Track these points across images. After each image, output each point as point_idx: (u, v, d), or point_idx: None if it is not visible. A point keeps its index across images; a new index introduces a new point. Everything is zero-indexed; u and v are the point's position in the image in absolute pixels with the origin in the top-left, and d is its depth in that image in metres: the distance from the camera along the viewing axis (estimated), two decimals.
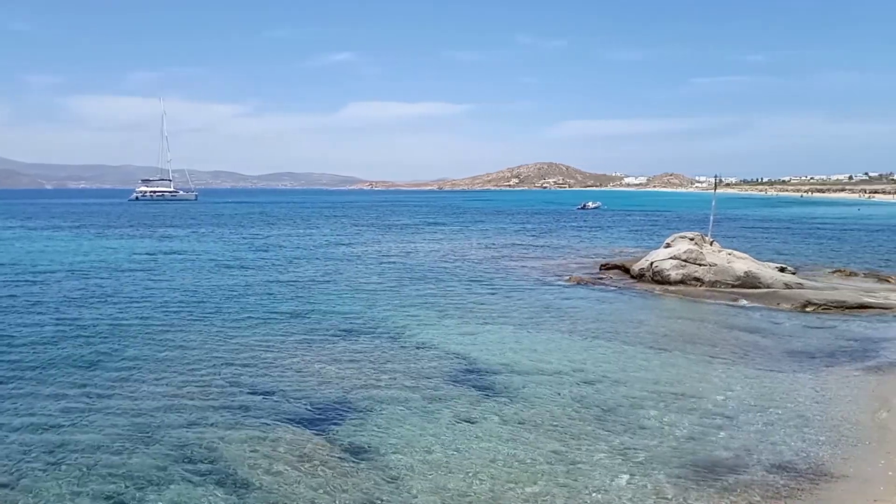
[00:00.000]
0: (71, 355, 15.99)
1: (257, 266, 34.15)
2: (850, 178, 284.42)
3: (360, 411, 12.23)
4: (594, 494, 9.00)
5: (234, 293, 25.36)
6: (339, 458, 10.21)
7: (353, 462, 10.06)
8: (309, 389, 13.51)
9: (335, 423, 11.60)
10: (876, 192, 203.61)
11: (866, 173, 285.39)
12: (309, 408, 12.42)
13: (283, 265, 34.62)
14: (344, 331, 18.89)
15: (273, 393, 13.28)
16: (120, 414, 12.02)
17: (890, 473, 9.44)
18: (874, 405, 12.53)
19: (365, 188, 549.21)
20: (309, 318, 20.74)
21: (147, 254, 39.80)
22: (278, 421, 11.69)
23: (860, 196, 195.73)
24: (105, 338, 17.79)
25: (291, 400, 12.86)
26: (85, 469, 9.80)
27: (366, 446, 10.63)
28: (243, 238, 53.00)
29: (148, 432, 11.16)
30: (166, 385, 13.70)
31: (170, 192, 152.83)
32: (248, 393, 13.27)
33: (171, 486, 9.27)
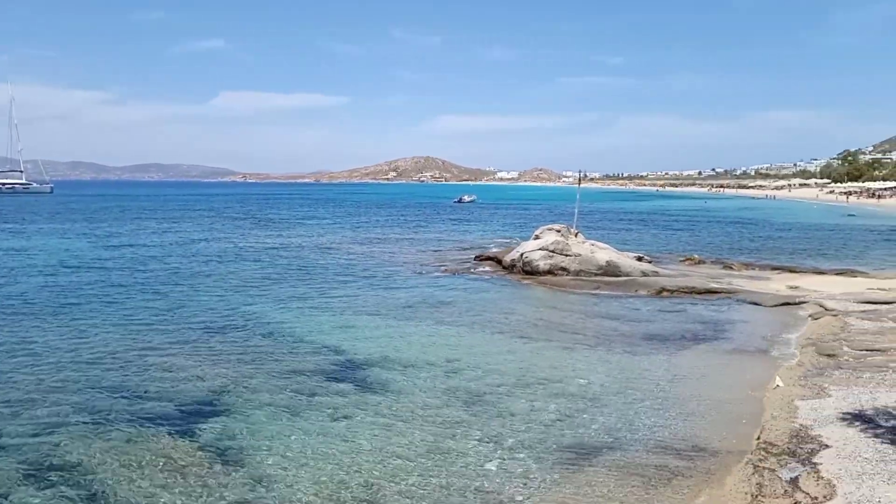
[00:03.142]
0: None
1: (117, 263, 32.02)
2: (700, 173, 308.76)
3: (231, 411, 11.81)
4: (465, 481, 9.21)
5: (90, 292, 23.65)
6: (209, 461, 9.80)
7: (224, 464, 9.69)
8: (175, 390, 12.89)
9: (204, 425, 11.13)
10: (722, 186, 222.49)
11: (713, 169, 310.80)
12: (175, 409, 11.84)
13: (146, 262, 32.67)
14: (213, 328, 18.15)
15: (135, 395, 12.55)
16: None
17: (733, 443, 10.34)
18: (720, 382, 13.69)
19: (238, 180, 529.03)
20: (174, 315, 19.74)
21: None
22: (142, 424, 11.06)
23: (708, 190, 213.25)
24: None
25: (155, 401, 12.21)
26: None
27: (237, 447, 10.28)
28: (102, 233, 49.48)
29: None
30: (13, 390, 12.57)
31: (21, 184, 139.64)
32: (108, 396, 12.45)
33: (23, 502, 8.50)
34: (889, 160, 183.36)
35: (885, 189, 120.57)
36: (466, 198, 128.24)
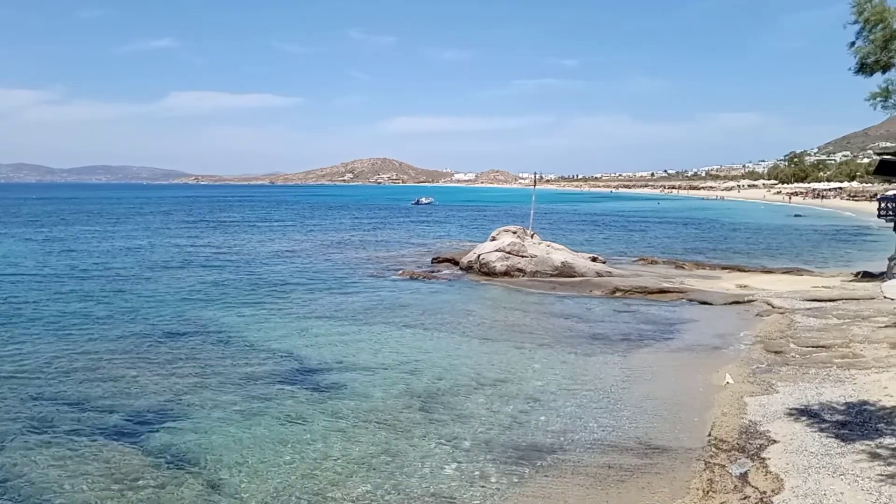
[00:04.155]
0: None
1: (60, 270, 30.99)
2: (653, 174, 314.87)
3: (183, 418, 11.55)
4: (423, 485, 9.15)
5: (30, 300, 22.79)
6: (159, 469, 9.57)
7: (175, 472, 9.47)
8: (124, 398, 12.55)
9: (154, 433, 10.86)
10: (675, 187, 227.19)
11: (666, 171, 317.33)
12: (123, 419, 11.51)
13: (90, 268, 31.68)
14: (165, 334, 17.73)
15: (82, 404, 12.18)
16: None
17: (685, 440, 10.52)
18: (672, 381, 13.93)
19: (190, 182, 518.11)
20: (120, 323, 19.18)
21: None
22: (88, 435, 10.73)
23: (661, 191, 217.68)
24: None
25: (104, 410, 11.87)
26: None
27: (188, 454, 10.06)
28: (44, 238, 47.77)
29: None
30: None
31: None
32: (54, 405, 12.06)
33: None
34: (833, 161, 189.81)
35: (829, 189, 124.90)
36: (424, 200, 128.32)
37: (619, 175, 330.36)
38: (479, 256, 29.47)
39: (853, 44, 9.12)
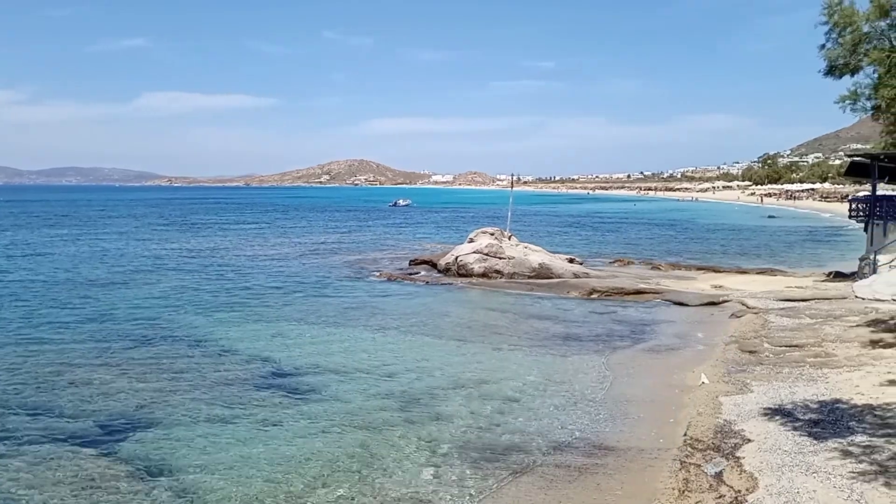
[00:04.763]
0: None
1: (30, 274, 30.35)
2: (629, 176, 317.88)
3: (155, 425, 11.35)
4: (402, 490, 9.08)
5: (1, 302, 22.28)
6: (131, 477, 9.39)
7: (147, 480, 9.30)
8: (94, 405, 12.32)
9: (126, 440, 10.66)
10: (650, 189, 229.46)
11: (642, 172, 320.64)
12: (93, 426, 11.30)
13: (57, 272, 30.99)
14: (137, 339, 17.45)
15: (51, 411, 11.92)
16: None
17: (661, 441, 10.57)
18: (648, 381, 14.01)
19: (163, 184, 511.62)
20: (95, 326, 18.87)
21: None
22: (56, 443, 10.50)
23: (637, 193, 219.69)
24: None
25: (71, 419, 11.62)
26: None
27: (161, 462, 9.88)
28: (13, 242, 46.62)
29: None
30: None
31: None
32: (20, 414, 11.79)
33: None
34: (805, 163, 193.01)
35: (802, 191, 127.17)
36: (402, 202, 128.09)
37: (596, 177, 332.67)
38: (456, 258, 29.46)
39: (823, 46, 9.26)
